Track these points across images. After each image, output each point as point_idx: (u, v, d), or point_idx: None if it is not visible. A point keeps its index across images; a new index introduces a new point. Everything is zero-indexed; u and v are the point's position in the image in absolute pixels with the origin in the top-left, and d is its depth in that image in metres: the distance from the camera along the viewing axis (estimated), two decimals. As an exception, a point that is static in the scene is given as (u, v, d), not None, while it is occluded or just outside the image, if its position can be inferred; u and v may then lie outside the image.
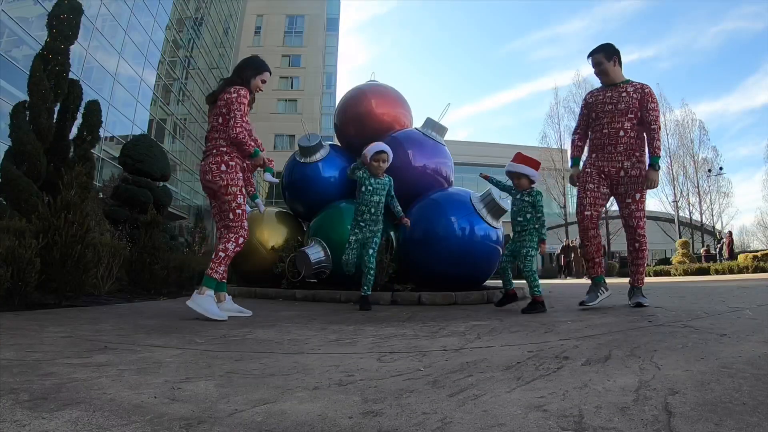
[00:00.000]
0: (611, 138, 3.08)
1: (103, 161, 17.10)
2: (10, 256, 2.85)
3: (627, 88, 3.11)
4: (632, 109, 3.05)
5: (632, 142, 3.06)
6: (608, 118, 3.10)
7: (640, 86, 3.11)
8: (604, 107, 3.13)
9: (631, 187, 3.08)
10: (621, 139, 3.06)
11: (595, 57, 3.19)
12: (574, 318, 2.58)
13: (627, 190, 3.09)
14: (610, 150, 3.09)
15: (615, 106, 3.08)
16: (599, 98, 3.18)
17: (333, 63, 43.05)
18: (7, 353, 1.53)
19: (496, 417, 0.90)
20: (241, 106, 2.73)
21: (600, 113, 3.14)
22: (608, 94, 3.15)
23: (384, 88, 5.53)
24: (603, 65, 3.15)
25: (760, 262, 12.37)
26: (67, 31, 6.47)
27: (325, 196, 4.81)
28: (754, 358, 1.34)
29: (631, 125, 3.06)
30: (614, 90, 3.14)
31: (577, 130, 3.38)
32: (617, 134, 3.07)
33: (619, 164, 3.07)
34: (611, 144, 3.09)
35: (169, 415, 0.93)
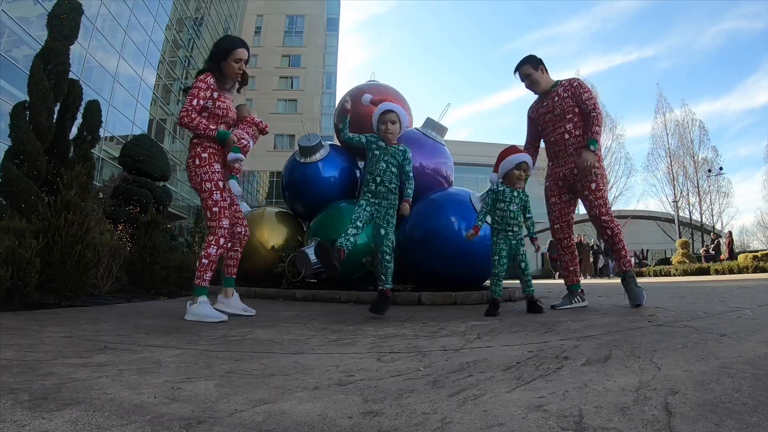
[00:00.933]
0: (558, 144, 3.17)
1: (103, 161, 17.09)
2: (10, 256, 2.85)
3: (558, 91, 3.16)
4: (568, 110, 3.10)
5: (579, 141, 3.11)
6: (551, 126, 3.19)
7: (568, 83, 3.17)
8: (545, 117, 3.20)
9: (585, 181, 3.07)
10: (567, 141, 3.13)
11: (522, 70, 3.23)
12: (574, 318, 2.58)
13: (582, 184, 3.09)
14: (562, 154, 3.17)
15: (552, 112, 3.16)
16: (539, 110, 3.26)
17: (333, 63, 43.07)
18: (7, 353, 1.53)
19: (496, 417, 0.90)
20: (196, 91, 2.59)
21: (543, 124, 3.24)
22: (544, 103, 3.22)
23: (384, 88, 5.52)
24: (532, 76, 3.20)
25: (760, 262, 12.37)
26: (67, 31, 6.47)
27: (325, 196, 4.81)
28: (754, 358, 1.34)
29: (572, 125, 3.11)
30: (548, 97, 3.21)
31: (526, 145, 3.43)
32: (563, 138, 3.14)
33: (571, 164, 3.12)
34: (561, 149, 3.17)
35: (169, 415, 0.93)
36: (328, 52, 42.08)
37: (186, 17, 27.39)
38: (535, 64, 3.20)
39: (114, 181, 12.88)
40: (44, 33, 6.61)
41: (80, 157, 6.57)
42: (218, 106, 2.67)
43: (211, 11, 31.01)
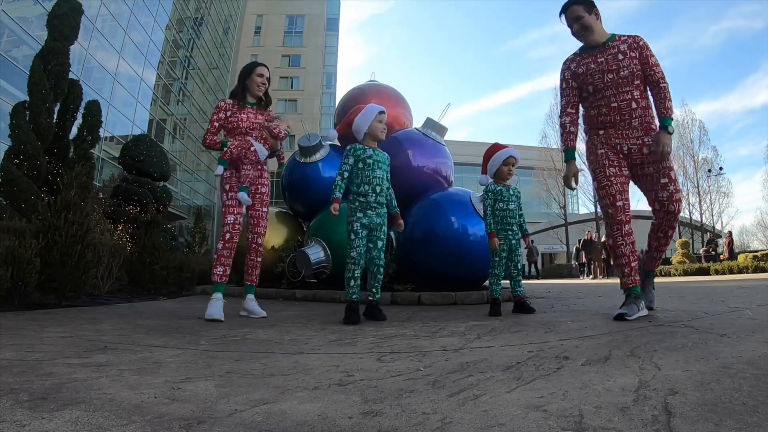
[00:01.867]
0: (623, 113, 2.53)
1: (103, 161, 17.10)
2: (10, 256, 2.85)
3: (620, 47, 2.55)
4: (637, 73, 2.51)
5: (646, 113, 2.55)
6: (613, 89, 2.54)
7: (633, 40, 2.57)
8: (603, 76, 2.55)
9: (662, 165, 2.50)
10: (635, 112, 2.52)
11: (572, 10, 2.60)
12: (574, 318, 2.58)
13: (658, 168, 2.51)
14: (624, 126, 2.55)
15: (616, 73, 2.52)
16: (591, 66, 2.60)
17: (333, 63, 43.06)
18: (7, 353, 1.53)
19: (496, 417, 0.90)
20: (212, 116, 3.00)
21: (599, 84, 2.56)
22: (600, 59, 2.57)
23: (384, 88, 5.53)
24: (584, 19, 2.58)
25: (760, 262, 12.37)
26: (67, 31, 6.48)
27: (325, 196, 4.79)
28: (754, 358, 1.34)
29: (639, 93, 2.53)
30: (605, 52, 2.57)
31: (567, 110, 2.69)
32: (629, 107, 2.52)
33: (640, 141, 2.53)
34: (624, 120, 2.54)
35: (169, 415, 0.93)
36: (328, 52, 42.07)
37: (186, 17, 27.37)
38: (589, 6, 2.60)
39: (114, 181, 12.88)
40: (44, 33, 6.61)
41: (80, 157, 6.58)
42: (230, 121, 2.95)
43: (211, 11, 30.99)
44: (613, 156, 2.59)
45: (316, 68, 39.07)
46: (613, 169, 2.57)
